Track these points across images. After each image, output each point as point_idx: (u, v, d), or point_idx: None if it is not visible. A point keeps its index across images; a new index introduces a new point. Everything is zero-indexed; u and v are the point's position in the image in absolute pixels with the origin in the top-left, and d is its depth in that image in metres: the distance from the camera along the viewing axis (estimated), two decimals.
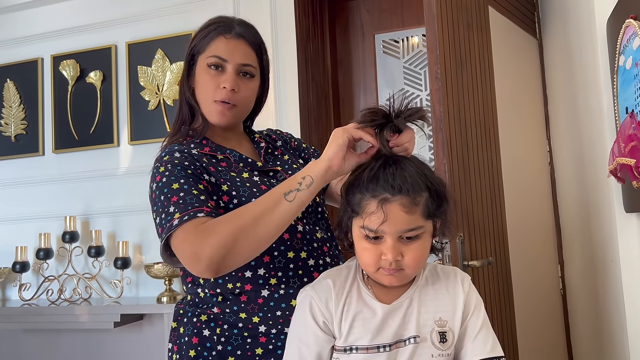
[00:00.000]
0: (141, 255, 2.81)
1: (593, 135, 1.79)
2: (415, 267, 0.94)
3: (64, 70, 2.97)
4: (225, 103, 1.15)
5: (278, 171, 1.20)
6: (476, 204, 1.85)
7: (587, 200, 1.96)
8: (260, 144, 1.25)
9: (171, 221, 0.99)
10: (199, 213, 0.99)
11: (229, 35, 1.17)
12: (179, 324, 1.14)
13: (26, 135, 3.03)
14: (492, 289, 1.87)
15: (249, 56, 1.18)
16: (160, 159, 1.11)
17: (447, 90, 1.77)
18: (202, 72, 1.18)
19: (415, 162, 0.96)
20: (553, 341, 2.35)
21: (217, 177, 1.10)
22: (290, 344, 0.98)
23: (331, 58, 2.97)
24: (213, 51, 1.16)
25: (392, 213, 0.89)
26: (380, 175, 0.91)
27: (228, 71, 1.16)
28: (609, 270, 1.71)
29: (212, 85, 1.15)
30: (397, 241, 0.91)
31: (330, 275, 1.00)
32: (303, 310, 0.97)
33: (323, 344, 0.95)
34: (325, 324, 0.95)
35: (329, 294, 0.96)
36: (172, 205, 1.01)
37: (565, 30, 2.14)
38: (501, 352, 0.97)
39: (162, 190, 1.04)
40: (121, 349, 2.71)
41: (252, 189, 1.10)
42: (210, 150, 1.16)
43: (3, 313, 2.73)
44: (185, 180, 1.04)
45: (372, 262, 0.93)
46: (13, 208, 3.01)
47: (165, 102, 2.82)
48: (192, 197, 1.01)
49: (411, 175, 0.91)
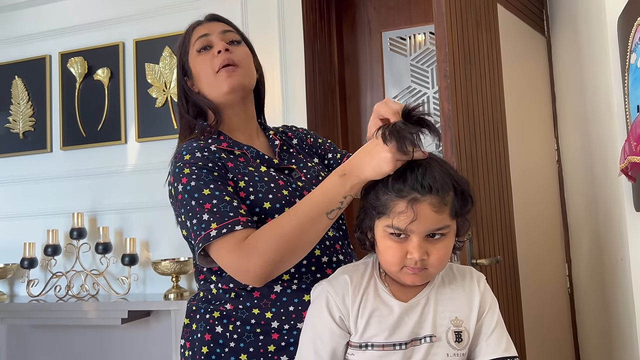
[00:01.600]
0: (148, 252, 2.82)
1: (603, 133, 1.78)
2: (439, 266, 0.94)
3: (71, 67, 2.98)
4: (227, 67, 1.17)
5: (293, 169, 1.20)
6: (484, 202, 1.85)
7: (596, 198, 1.95)
8: (275, 141, 1.26)
9: (208, 230, 1.01)
10: (236, 225, 1.01)
11: (202, 21, 1.26)
12: (191, 320, 1.14)
13: (34, 132, 3.04)
14: (500, 288, 1.86)
15: (227, 28, 1.24)
16: (181, 157, 1.10)
17: (456, 88, 1.76)
18: (195, 63, 1.21)
19: (439, 162, 0.96)
20: (560, 340, 2.34)
21: (235, 172, 1.10)
22: (305, 338, 0.99)
23: (338, 55, 2.97)
24: (195, 37, 1.22)
25: (422, 212, 0.89)
26: (407, 176, 0.91)
27: (215, 42, 1.20)
28: (618, 268, 1.71)
29: (208, 60, 1.19)
30: (424, 240, 0.91)
31: (347, 271, 1.00)
32: (319, 304, 0.97)
33: (338, 339, 0.95)
34: (342, 319, 0.95)
35: (346, 289, 0.96)
36: (206, 213, 1.02)
37: (574, 28, 2.13)
38: (515, 353, 0.97)
39: (192, 195, 1.04)
40: (128, 345, 2.72)
41: (270, 184, 1.11)
42: (227, 145, 1.16)
43: (11, 309, 2.75)
44: (215, 185, 1.05)
45: (397, 260, 0.92)
46: (21, 204, 3.02)
47: (172, 99, 2.82)
48: (226, 204, 1.03)
49: (440, 175, 0.92)
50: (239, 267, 1.00)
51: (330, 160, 1.31)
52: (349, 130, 2.97)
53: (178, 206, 1.08)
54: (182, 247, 2.72)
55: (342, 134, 2.94)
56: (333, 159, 1.31)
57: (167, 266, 2.60)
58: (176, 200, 1.08)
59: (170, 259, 2.63)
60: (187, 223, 1.05)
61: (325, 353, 0.95)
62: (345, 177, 0.99)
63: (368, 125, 1.03)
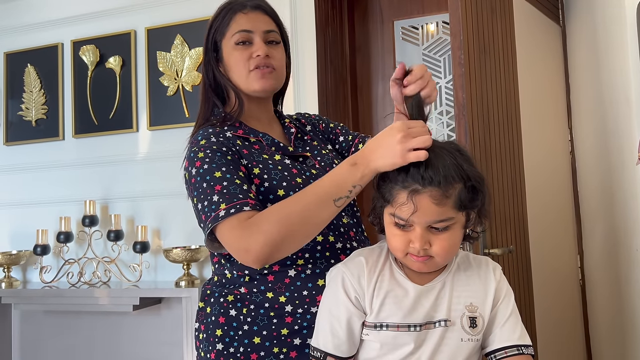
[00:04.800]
0: (160, 240, 2.84)
1: (619, 123, 1.76)
2: (445, 256, 0.94)
3: (83, 55, 2.99)
4: (263, 68, 1.16)
5: (307, 157, 1.20)
6: (498, 192, 1.84)
7: (611, 189, 1.93)
8: (290, 129, 1.25)
9: (217, 211, 1.01)
10: (245, 206, 1.00)
11: (246, 9, 1.19)
12: (205, 303, 1.15)
13: (46, 120, 3.06)
14: (512, 277, 1.86)
15: (270, 24, 1.20)
16: (197, 142, 1.10)
17: (470, 76, 1.75)
18: (231, 53, 1.18)
19: (452, 152, 0.93)
20: (571, 330, 2.34)
21: (250, 160, 1.10)
22: (322, 318, 0.99)
23: (350, 44, 2.95)
24: (236, 28, 1.17)
25: (422, 204, 0.89)
26: (411, 167, 0.91)
27: (256, 41, 1.17)
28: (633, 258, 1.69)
29: (244, 58, 1.16)
30: (426, 230, 0.91)
31: (363, 254, 1.01)
32: (335, 285, 0.98)
33: (354, 319, 0.96)
34: (357, 299, 0.96)
35: (362, 270, 0.97)
36: (216, 195, 1.02)
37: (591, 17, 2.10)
38: (529, 342, 0.97)
39: (204, 177, 1.05)
40: (139, 331, 2.75)
41: (284, 172, 1.11)
42: (243, 133, 1.16)
43: (24, 295, 2.78)
44: (227, 169, 1.05)
45: (401, 247, 0.93)
46: (34, 192, 3.04)
47: (184, 87, 2.82)
48: (236, 187, 1.03)
49: (445, 166, 0.90)
50: (239, 246, 0.99)
51: (342, 143, 1.31)
52: (360, 119, 2.96)
53: (191, 189, 1.08)
54: (194, 235, 2.75)
55: (353, 124, 2.92)
56: (345, 141, 1.31)
57: (179, 254, 2.61)
58: (189, 184, 1.09)
59: (182, 247, 2.64)
60: (198, 206, 1.05)
61: (341, 332, 0.95)
62: (356, 167, 0.98)
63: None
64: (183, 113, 2.81)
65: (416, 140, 0.92)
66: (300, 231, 0.99)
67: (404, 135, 0.93)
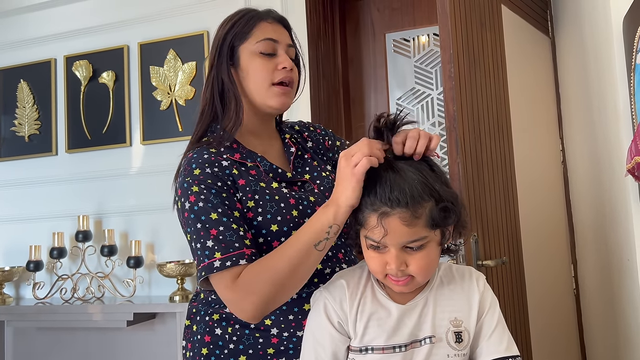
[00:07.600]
0: (153, 254, 2.83)
1: (609, 134, 1.77)
2: (424, 274, 0.93)
3: (76, 70, 2.99)
4: (284, 85, 1.13)
5: (306, 181, 1.18)
6: (490, 203, 1.84)
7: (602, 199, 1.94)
8: (290, 148, 1.22)
9: (212, 259, 1.00)
10: (240, 259, 1.00)
11: (270, 19, 1.16)
12: (192, 322, 1.15)
13: (39, 135, 3.06)
14: (505, 289, 1.86)
15: (291, 42, 1.18)
16: (191, 170, 1.06)
17: (461, 89, 1.76)
18: (252, 59, 1.13)
19: (421, 170, 0.92)
20: (566, 341, 2.34)
21: (245, 192, 1.07)
22: (306, 344, 0.99)
23: (342, 56, 2.97)
24: (261, 35, 1.13)
25: (392, 226, 0.88)
26: (377, 188, 0.90)
27: (280, 53, 1.14)
28: (624, 269, 1.70)
29: (268, 68, 1.12)
30: (401, 251, 0.90)
31: (344, 276, 1.00)
32: (318, 311, 0.98)
33: (338, 344, 0.95)
34: (340, 324, 0.95)
35: (343, 294, 0.96)
36: (211, 240, 1.01)
37: (579, 29, 2.12)
38: (517, 352, 0.97)
39: (199, 217, 1.03)
40: (134, 347, 2.73)
41: (280, 203, 1.08)
42: (240, 157, 1.12)
43: (17, 311, 2.76)
44: (223, 210, 1.03)
45: (378, 269, 0.93)
46: (27, 207, 3.03)
47: (177, 102, 2.83)
48: (232, 233, 1.01)
49: (412, 186, 0.89)
50: (235, 305, 1.01)
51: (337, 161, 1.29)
52: (353, 132, 2.97)
53: (184, 223, 1.07)
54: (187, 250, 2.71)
55: (347, 136, 2.94)
56: None
57: (172, 268, 2.60)
58: (182, 216, 1.07)
59: (175, 262, 2.64)
60: (192, 244, 1.04)
61: (326, 358, 0.95)
62: (327, 207, 0.98)
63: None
64: (176, 127, 2.81)
65: (355, 156, 0.94)
66: (290, 284, 1.00)
67: (345, 158, 0.95)
